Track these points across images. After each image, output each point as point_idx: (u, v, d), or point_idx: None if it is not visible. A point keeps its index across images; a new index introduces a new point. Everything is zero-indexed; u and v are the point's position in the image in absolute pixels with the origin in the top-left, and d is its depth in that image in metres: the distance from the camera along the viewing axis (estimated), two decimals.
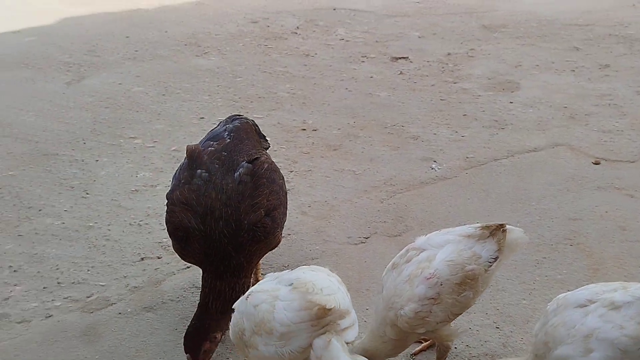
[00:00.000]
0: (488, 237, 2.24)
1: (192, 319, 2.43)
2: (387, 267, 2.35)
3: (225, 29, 6.88)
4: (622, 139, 4.29)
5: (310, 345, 1.90)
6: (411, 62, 5.85)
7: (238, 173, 2.58)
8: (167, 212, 2.61)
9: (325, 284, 1.99)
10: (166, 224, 2.62)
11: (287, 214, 3.42)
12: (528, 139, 4.34)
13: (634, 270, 3.00)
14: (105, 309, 2.85)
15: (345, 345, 1.93)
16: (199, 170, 2.59)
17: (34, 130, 4.58)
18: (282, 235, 3.34)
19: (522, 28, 6.77)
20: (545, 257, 3.13)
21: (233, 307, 2.13)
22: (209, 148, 2.69)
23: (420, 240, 2.32)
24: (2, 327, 2.76)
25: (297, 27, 6.92)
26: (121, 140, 4.42)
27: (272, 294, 1.98)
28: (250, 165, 2.61)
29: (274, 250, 3.03)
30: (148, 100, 5.10)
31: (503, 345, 2.60)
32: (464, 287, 2.18)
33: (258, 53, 6.17)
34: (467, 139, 4.36)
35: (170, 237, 2.62)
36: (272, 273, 2.16)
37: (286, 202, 2.80)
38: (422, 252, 2.26)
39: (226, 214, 2.48)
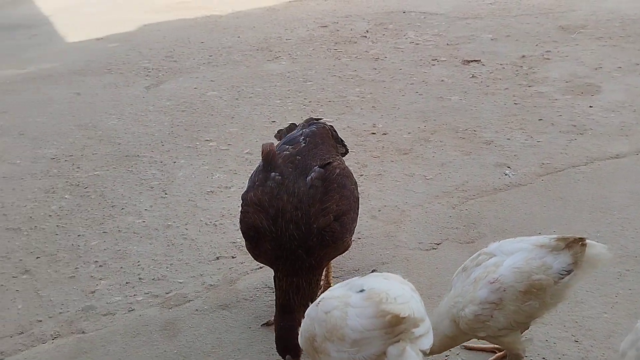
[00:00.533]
0: (563, 249, 2.18)
1: (277, 321, 2.49)
2: (458, 269, 2.37)
3: (295, 34, 7.00)
4: None
5: (384, 353, 1.88)
6: (483, 65, 5.73)
7: (310, 177, 2.63)
8: (241, 212, 2.70)
9: (398, 292, 1.98)
10: (240, 224, 2.71)
11: (358, 219, 3.43)
12: (609, 145, 4.15)
13: None
14: (183, 305, 2.97)
15: (420, 353, 1.92)
16: (272, 173, 2.67)
17: (117, 133, 4.84)
18: (352, 239, 3.37)
19: (602, 28, 6.47)
20: (628, 270, 2.98)
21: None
22: (284, 152, 2.76)
23: (493, 245, 2.31)
24: (89, 319, 2.93)
25: (367, 31, 6.94)
26: (197, 143, 4.59)
27: (344, 301, 1.97)
28: (322, 170, 2.66)
29: (343, 254, 3.06)
30: (222, 104, 5.27)
31: None
32: (529, 296, 2.14)
33: (328, 57, 6.23)
34: (543, 145, 4.22)
35: (243, 236, 2.70)
36: (341, 282, 2.18)
37: (357, 208, 2.82)
38: (492, 257, 2.25)
39: (296, 217, 2.53)
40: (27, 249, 3.49)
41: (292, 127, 3.15)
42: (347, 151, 3.27)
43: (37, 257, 3.41)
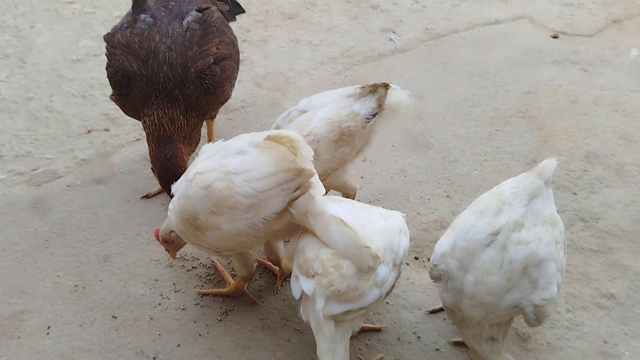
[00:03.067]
0: (368, 94, 2.27)
1: (155, 155, 2.32)
2: (271, 128, 2.35)
3: None
4: (582, 12, 4.21)
5: (285, 210, 1.83)
6: None
7: (186, 21, 2.48)
8: (107, 55, 2.47)
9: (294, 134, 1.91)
10: (106, 69, 2.49)
11: (241, 86, 3.30)
12: (490, 11, 4.21)
13: (580, 141, 3.08)
14: (53, 181, 2.77)
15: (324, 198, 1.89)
16: (143, 15, 2.47)
17: None
18: (237, 107, 3.26)
19: None
20: (498, 130, 3.17)
21: (172, 192, 2.01)
22: None
23: (303, 102, 2.33)
24: None
25: None
26: (57, 5, 4.04)
27: (222, 170, 1.86)
28: (199, 13, 2.51)
29: (228, 119, 2.96)
30: None
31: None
32: (341, 143, 2.22)
33: None
34: (428, 10, 4.19)
35: (110, 84, 2.49)
36: (207, 145, 2.04)
37: (238, 59, 2.68)
38: (304, 113, 2.27)
39: (171, 57, 2.37)
40: None
41: None
42: (243, 11, 3.07)
43: None
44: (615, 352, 2.17)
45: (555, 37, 3.95)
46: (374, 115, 2.25)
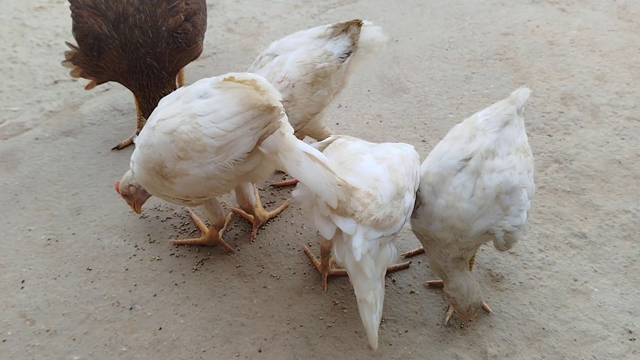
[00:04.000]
0: (341, 33, 2.19)
1: None
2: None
3: None
4: None
5: (255, 150, 1.79)
6: None
7: None
8: (72, 16, 2.38)
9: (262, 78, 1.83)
10: (73, 31, 2.40)
11: (212, 31, 3.20)
12: None
13: (556, 83, 3.06)
14: (21, 134, 2.70)
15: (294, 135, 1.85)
16: None
17: None
18: (208, 54, 3.17)
19: None
20: (474, 73, 3.13)
21: (134, 142, 1.97)
22: None
23: (273, 45, 2.24)
24: None
25: None
26: None
27: (187, 114, 1.80)
28: None
29: (199, 66, 2.88)
30: None
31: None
32: (317, 86, 2.15)
33: None
34: None
35: (79, 46, 2.40)
36: (165, 102, 1.96)
37: (205, 9, 2.59)
38: (275, 57, 2.19)
39: (140, 20, 2.29)
40: None
41: None
42: None
43: None
44: (585, 289, 2.22)
45: None
46: (348, 54, 2.19)
